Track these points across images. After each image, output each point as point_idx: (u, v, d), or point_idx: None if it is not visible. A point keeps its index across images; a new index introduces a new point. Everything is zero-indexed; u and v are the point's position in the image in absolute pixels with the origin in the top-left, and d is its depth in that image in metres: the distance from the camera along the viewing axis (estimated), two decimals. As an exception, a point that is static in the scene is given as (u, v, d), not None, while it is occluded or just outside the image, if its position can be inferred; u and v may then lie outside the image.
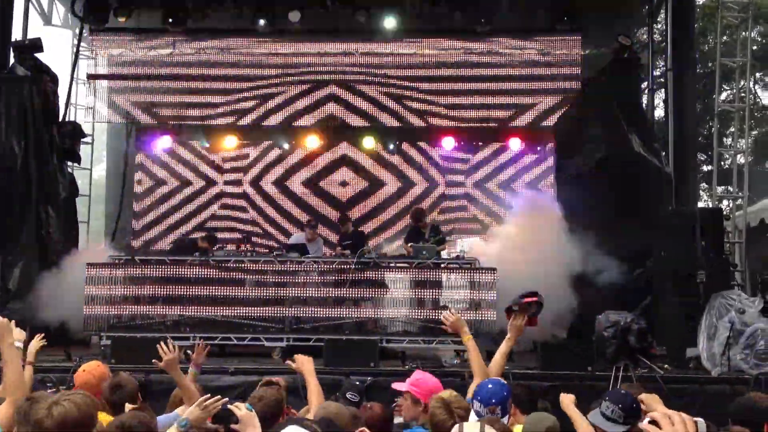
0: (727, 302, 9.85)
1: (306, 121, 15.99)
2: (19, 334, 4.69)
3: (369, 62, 15.78)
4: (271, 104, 15.93)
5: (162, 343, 5.23)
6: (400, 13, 14.66)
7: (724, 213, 12.51)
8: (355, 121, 15.97)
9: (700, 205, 16.47)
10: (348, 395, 7.66)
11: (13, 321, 4.61)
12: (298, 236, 13.53)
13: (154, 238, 16.27)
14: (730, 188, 13.94)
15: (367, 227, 15.75)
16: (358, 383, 8.34)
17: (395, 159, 16.68)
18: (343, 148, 16.79)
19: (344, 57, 15.83)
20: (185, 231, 15.94)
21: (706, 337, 9.77)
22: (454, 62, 15.61)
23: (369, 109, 15.84)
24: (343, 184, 16.65)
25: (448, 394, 4.51)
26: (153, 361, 5.17)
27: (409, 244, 12.17)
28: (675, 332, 10.52)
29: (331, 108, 15.95)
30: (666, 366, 9.85)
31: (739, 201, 13.60)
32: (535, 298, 5.33)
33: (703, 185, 20.76)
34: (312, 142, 16.46)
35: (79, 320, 11.25)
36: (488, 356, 5.60)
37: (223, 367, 9.83)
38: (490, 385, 4.45)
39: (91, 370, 5.34)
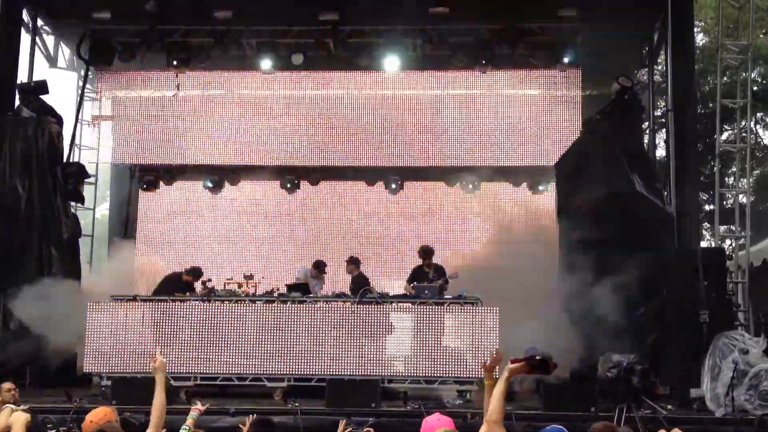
0: (731, 342, 9.80)
1: (310, 159, 16.10)
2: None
3: (371, 102, 15.93)
4: (275, 144, 16.05)
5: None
6: (401, 54, 14.80)
7: (727, 253, 12.47)
8: (358, 160, 16.06)
9: (703, 244, 16.44)
10: None
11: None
12: (303, 269, 13.52)
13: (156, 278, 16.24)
14: (733, 228, 13.92)
15: (370, 266, 15.74)
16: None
17: (397, 197, 16.70)
18: (347, 186, 16.85)
19: (346, 97, 16.00)
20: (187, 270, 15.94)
21: (710, 378, 9.69)
22: (455, 100, 15.78)
23: (371, 148, 15.93)
24: (348, 223, 16.70)
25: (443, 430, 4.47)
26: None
27: (412, 284, 12.16)
28: (678, 372, 10.44)
29: (335, 145, 16.05)
30: (669, 406, 9.75)
31: (742, 241, 13.57)
32: (550, 368, 5.23)
33: (706, 225, 20.74)
34: (316, 180, 16.53)
35: (81, 360, 11.23)
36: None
37: (224, 407, 9.76)
38: None
39: (98, 420, 5.20)
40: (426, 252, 12.76)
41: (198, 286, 12.51)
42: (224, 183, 16.68)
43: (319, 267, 13.46)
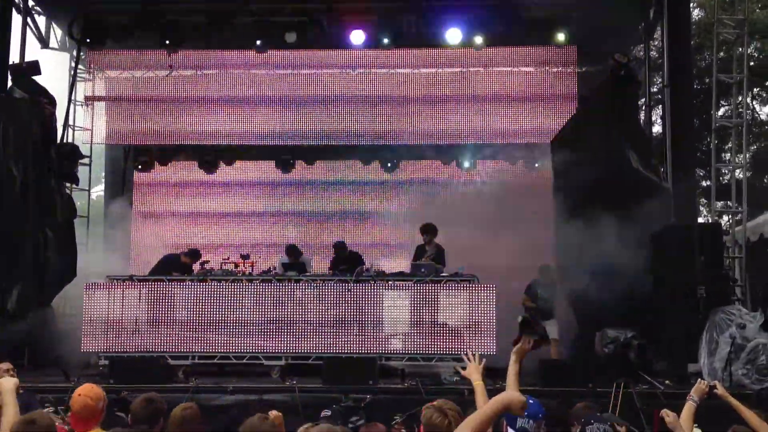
0: (728, 317, 9.79)
1: (305, 138, 16.03)
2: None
3: (366, 81, 15.86)
4: (269, 123, 15.98)
5: None
6: (395, 32, 14.71)
7: (724, 228, 12.45)
8: (354, 139, 16.01)
9: (700, 220, 16.43)
10: (323, 413, 7.73)
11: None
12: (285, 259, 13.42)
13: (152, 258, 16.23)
14: (730, 203, 13.90)
15: (366, 246, 15.72)
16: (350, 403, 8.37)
17: (393, 176, 16.66)
18: (343, 167, 16.81)
19: (341, 76, 15.92)
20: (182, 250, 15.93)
21: (707, 353, 9.70)
22: (450, 78, 15.70)
23: (366, 126, 15.87)
24: (343, 202, 16.69)
25: (438, 401, 4.47)
26: None
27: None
28: (676, 348, 10.44)
29: (330, 126, 15.99)
30: (667, 382, 9.73)
31: (739, 216, 13.54)
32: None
33: (703, 200, 20.73)
34: (311, 160, 16.49)
35: (78, 340, 11.23)
36: (487, 373, 5.49)
37: (222, 386, 9.78)
38: (531, 401, 4.45)
39: (86, 393, 5.26)
40: (424, 229, 12.66)
41: (196, 268, 12.49)
42: (219, 163, 16.62)
43: (292, 253, 13.26)
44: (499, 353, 10.09)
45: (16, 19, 14.45)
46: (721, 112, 16.69)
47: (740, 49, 14.40)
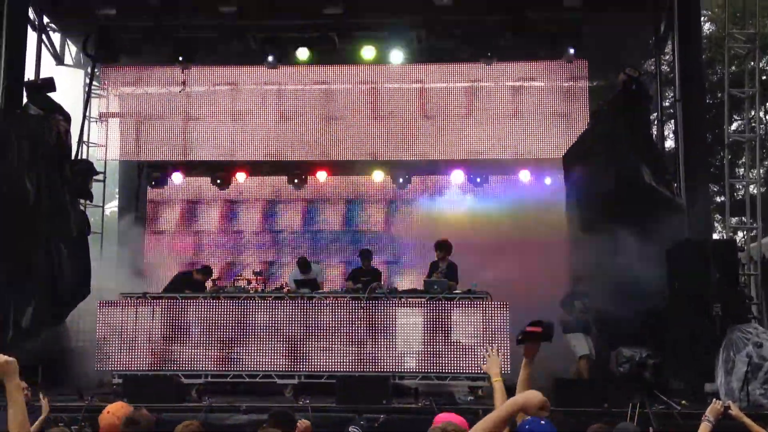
0: (744, 336, 9.70)
1: (317, 154, 16.05)
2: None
3: (378, 95, 15.87)
4: (281, 139, 16.01)
5: None
6: (407, 47, 14.74)
7: (739, 245, 12.33)
8: (365, 154, 16.01)
9: (714, 236, 16.31)
10: (351, 429, 7.68)
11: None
12: (296, 272, 13.40)
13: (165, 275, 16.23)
14: (744, 219, 13.79)
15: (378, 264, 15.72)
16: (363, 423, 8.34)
17: (406, 193, 16.65)
18: (354, 183, 16.82)
19: (353, 91, 15.94)
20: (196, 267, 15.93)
21: (724, 372, 9.60)
22: (461, 93, 15.71)
23: (378, 142, 15.88)
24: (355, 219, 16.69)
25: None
26: None
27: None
28: (691, 367, 10.34)
29: (341, 141, 16.01)
30: (683, 402, 9.63)
31: (754, 232, 13.44)
32: (538, 329, 5.16)
33: (717, 216, 20.59)
34: (322, 176, 16.49)
35: (92, 358, 11.25)
36: (508, 390, 5.45)
37: (235, 405, 9.76)
38: (542, 422, 4.41)
39: (115, 411, 5.29)
40: (439, 246, 12.61)
41: (208, 285, 12.51)
42: (232, 179, 16.66)
43: (302, 265, 13.24)
44: (513, 372, 10.05)
45: (32, 36, 14.56)
46: (734, 126, 16.57)
47: (752, 64, 14.33)
